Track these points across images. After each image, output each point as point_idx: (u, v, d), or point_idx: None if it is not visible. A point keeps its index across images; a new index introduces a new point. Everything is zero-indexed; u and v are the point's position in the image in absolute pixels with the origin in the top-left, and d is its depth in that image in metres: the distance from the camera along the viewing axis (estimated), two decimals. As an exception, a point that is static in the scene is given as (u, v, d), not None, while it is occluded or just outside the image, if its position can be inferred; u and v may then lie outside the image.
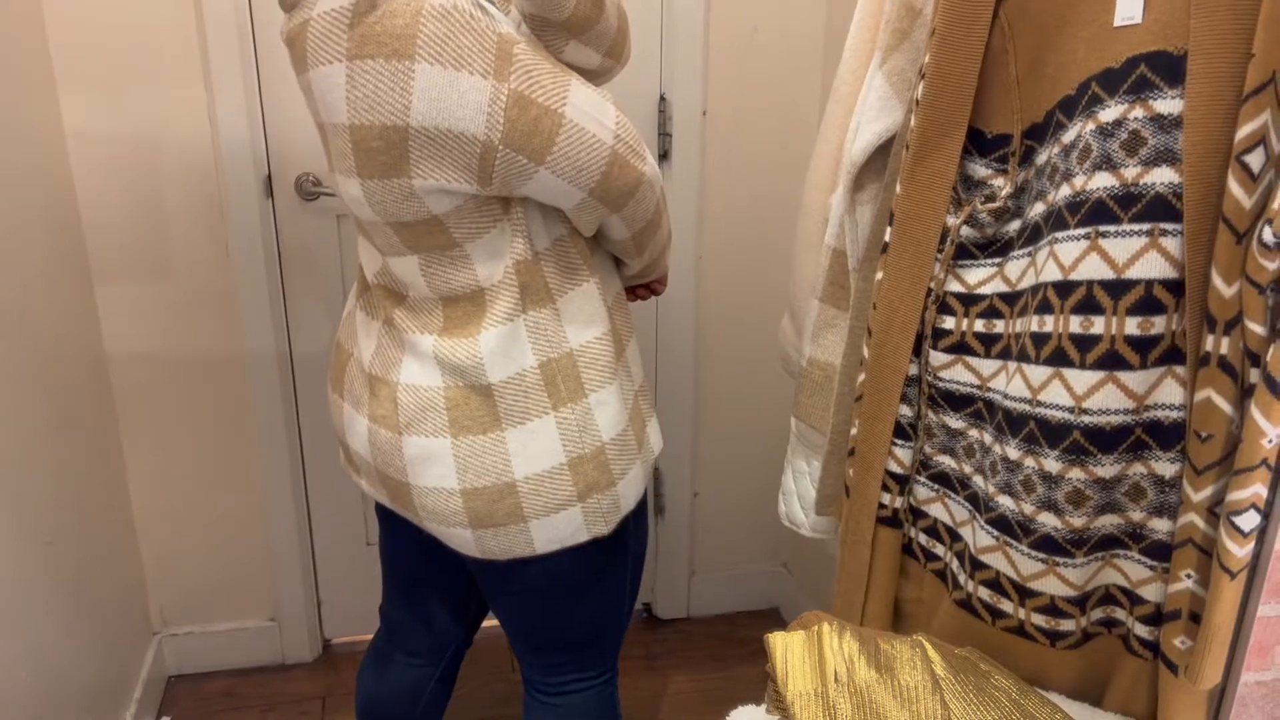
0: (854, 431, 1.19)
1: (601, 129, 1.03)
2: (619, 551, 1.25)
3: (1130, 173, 0.87)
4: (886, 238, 1.11)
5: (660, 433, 1.36)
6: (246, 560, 2.10)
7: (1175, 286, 0.86)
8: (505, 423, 1.12)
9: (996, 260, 1.04)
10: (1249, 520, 0.82)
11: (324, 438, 2.06)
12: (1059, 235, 0.92)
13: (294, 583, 2.12)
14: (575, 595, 1.24)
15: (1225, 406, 0.83)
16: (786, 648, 1.04)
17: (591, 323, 1.15)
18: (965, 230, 1.05)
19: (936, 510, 1.13)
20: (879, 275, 1.13)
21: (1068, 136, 0.93)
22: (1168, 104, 0.84)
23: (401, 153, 0.98)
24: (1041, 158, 0.98)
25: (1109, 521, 0.95)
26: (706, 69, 1.99)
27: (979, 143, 1.04)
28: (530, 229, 1.08)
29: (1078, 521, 0.95)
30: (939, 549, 1.14)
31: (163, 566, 2.06)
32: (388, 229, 1.06)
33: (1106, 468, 0.92)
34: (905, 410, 1.13)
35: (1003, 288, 1.02)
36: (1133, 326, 0.88)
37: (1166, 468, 0.91)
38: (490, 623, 2.22)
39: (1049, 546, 0.97)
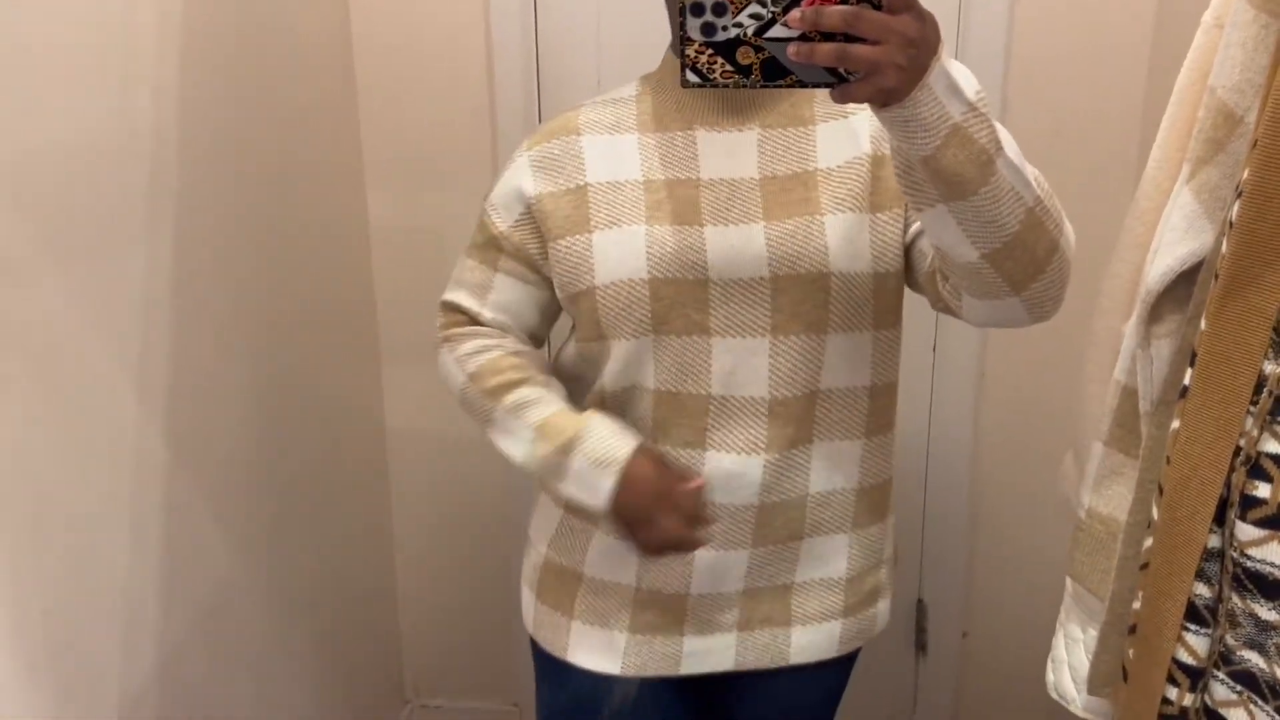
0: (1136, 605, 1.00)
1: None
2: None
3: None
4: (1186, 381, 0.94)
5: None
6: (497, 642, 2.13)
7: None
8: None
9: (1330, 420, 0.84)
10: None
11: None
12: None
13: (539, 671, 2.13)
14: None
15: None
16: None
17: None
18: (1289, 380, 0.86)
19: (1238, 717, 0.92)
20: (1175, 424, 0.95)
21: None
22: None
23: None
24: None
25: None
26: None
27: (1312, 275, 0.86)
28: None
29: None
30: (1241, 766, 0.92)
31: (421, 638, 2.14)
32: None
33: None
34: (1202, 589, 0.94)
35: (1338, 455, 0.82)
36: None
37: None
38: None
39: (1392, 797, 0.75)
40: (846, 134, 1.15)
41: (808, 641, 1.24)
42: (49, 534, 1.07)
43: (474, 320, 1.24)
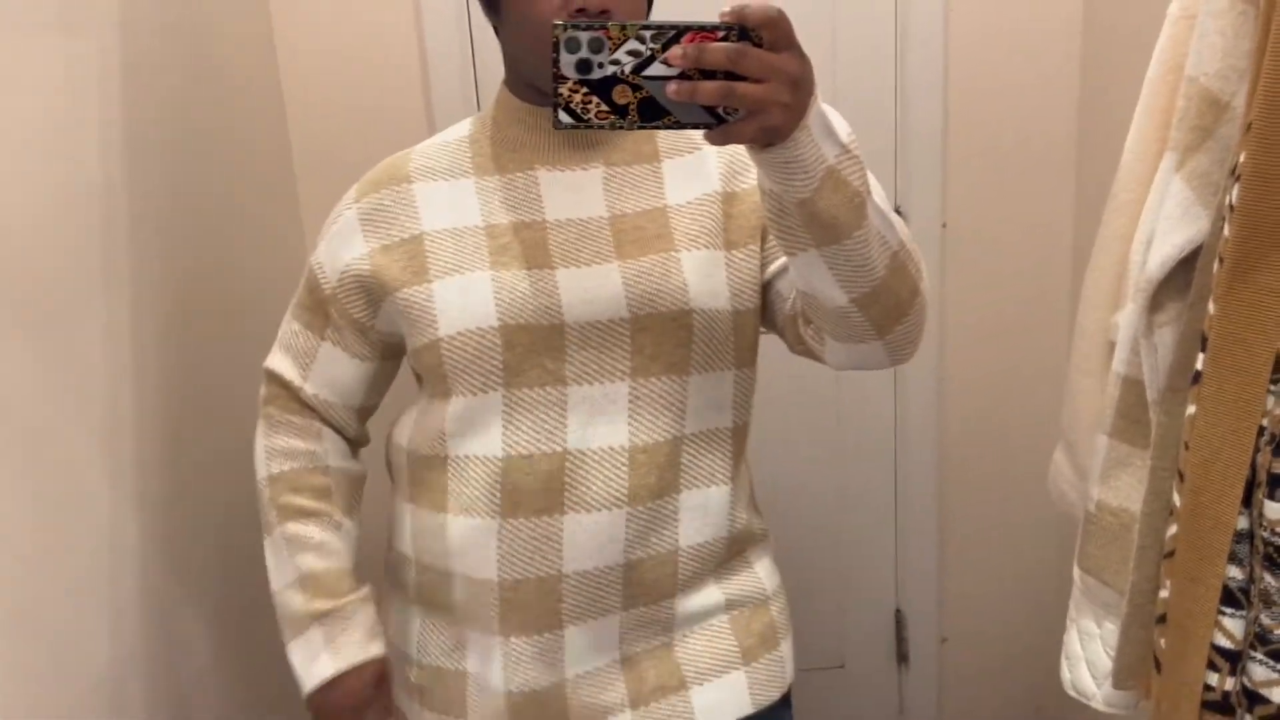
0: (1164, 594, 1.00)
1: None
2: None
3: None
4: (1198, 365, 0.95)
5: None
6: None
7: None
8: None
9: (1352, 392, 0.85)
10: None
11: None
12: None
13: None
14: None
15: None
16: None
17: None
18: (1307, 356, 0.87)
19: (1281, 696, 0.92)
20: (1191, 409, 0.95)
21: None
22: None
23: None
24: None
25: None
26: (945, 178, 1.87)
27: (1318, 252, 0.87)
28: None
29: None
30: (1288, 745, 0.92)
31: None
32: None
33: None
34: (1234, 572, 0.94)
35: (1364, 426, 0.84)
36: None
37: None
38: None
39: None
40: (694, 170, 1.12)
41: (712, 700, 1.13)
42: (29, 625, 0.99)
43: (296, 395, 1.16)
